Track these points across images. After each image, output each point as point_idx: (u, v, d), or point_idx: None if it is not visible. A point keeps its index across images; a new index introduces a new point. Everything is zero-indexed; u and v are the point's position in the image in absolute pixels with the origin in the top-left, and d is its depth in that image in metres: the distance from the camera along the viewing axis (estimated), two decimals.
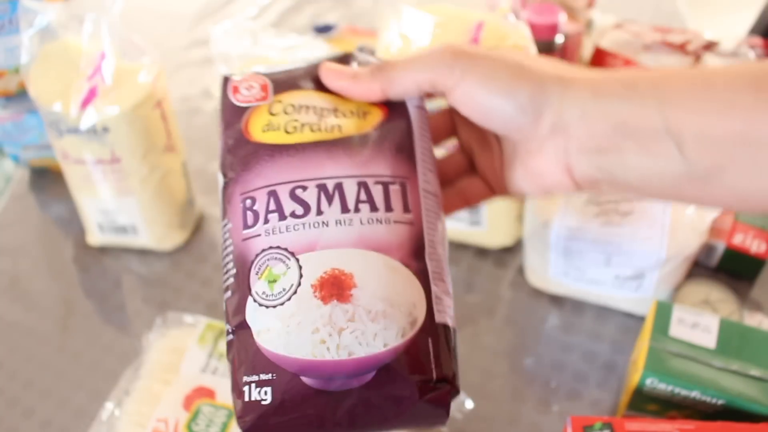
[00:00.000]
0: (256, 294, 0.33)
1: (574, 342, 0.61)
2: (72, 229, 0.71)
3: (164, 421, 0.51)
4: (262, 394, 0.32)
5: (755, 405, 0.46)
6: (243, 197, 0.35)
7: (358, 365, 0.32)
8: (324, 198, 0.34)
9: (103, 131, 0.59)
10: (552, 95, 0.34)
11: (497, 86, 0.34)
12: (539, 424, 0.56)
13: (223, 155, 0.37)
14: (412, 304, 0.33)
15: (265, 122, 0.37)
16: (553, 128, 0.35)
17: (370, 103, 0.38)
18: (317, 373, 0.32)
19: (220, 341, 0.55)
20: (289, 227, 0.34)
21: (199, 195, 0.73)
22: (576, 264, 0.59)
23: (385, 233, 0.34)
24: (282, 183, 0.35)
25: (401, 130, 0.37)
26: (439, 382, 0.33)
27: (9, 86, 0.68)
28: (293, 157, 0.35)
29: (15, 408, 0.58)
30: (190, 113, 0.84)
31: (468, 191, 0.43)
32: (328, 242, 0.33)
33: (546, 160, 0.36)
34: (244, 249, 0.34)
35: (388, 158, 0.36)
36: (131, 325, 0.64)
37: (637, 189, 0.35)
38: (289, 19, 0.97)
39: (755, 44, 0.75)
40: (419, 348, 0.33)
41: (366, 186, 0.35)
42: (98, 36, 0.59)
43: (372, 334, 0.32)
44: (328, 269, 0.33)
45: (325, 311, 0.32)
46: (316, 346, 0.32)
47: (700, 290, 0.61)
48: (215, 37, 0.60)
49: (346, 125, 0.36)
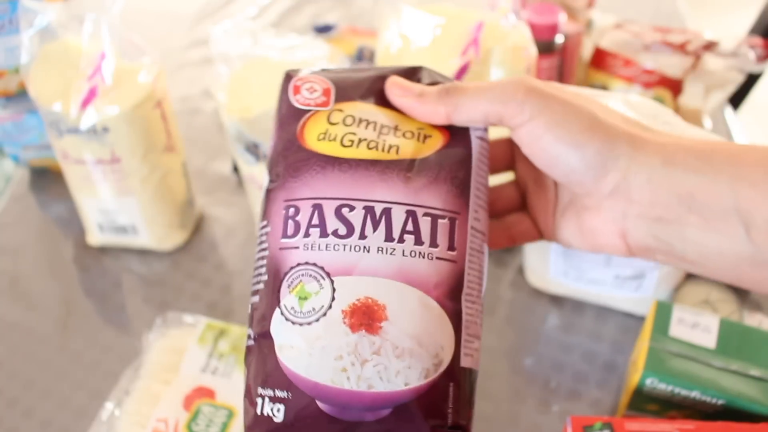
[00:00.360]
0: (284, 307, 0.33)
1: (574, 342, 0.61)
2: (72, 229, 0.71)
3: (164, 421, 0.51)
4: (275, 411, 0.32)
5: (755, 405, 0.46)
6: (287, 204, 0.34)
7: (376, 400, 0.31)
8: (370, 222, 0.33)
9: (103, 131, 0.59)
10: (621, 155, 0.33)
11: (565, 135, 0.33)
12: (539, 424, 0.56)
13: (272, 155, 0.36)
14: (441, 346, 0.32)
15: (322, 130, 0.35)
16: (616, 189, 0.33)
17: (432, 126, 0.36)
18: (333, 400, 0.31)
19: (220, 341, 0.55)
20: (329, 246, 0.33)
21: (199, 195, 0.73)
22: (576, 264, 0.59)
23: (426, 269, 0.33)
24: (329, 198, 0.33)
25: (460, 162, 0.35)
26: (453, 428, 0.32)
27: (9, 86, 0.68)
28: (345, 173, 0.34)
29: (15, 408, 0.58)
30: (190, 113, 0.84)
31: (515, 228, 0.41)
32: (366, 269, 0.32)
33: (602, 219, 0.35)
34: (279, 258, 0.33)
35: (442, 190, 0.34)
36: (131, 325, 0.64)
37: (694, 264, 0.34)
38: (289, 19, 0.97)
39: (755, 44, 0.75)
40: (439, 392, 0.32)
41: (414, 216, 0.33)
42: (98, 36, 0.59)
43: (395, 370, 0.31)
44: (362, 297, 0.32)
45: (352, 340, 0.31)
46: (336, 374, 0.31)
47: (700, 290, 0.61)
48: (215, 37, 0.60)
49: (404, 147, 0.35)
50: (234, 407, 0.51)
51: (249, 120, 0.57)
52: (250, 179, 0.62)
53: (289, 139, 0.35)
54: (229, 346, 0.55)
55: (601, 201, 0.34)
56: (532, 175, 0.40)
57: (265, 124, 0.58)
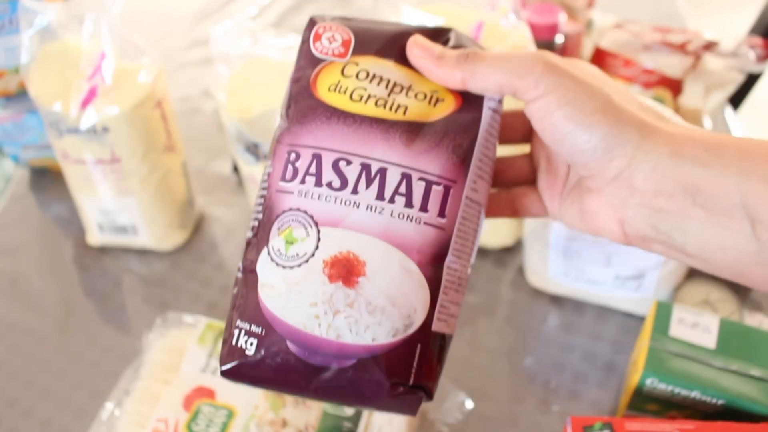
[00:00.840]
0: (271, 248, 0.34)
1: (574, 342, 0.61)
2: (72, 229, 0.71)
3: (164, 421, 0.51)
4: (248, 344, 0.33)
5: (755, 405, 0.46)
6: (290, 149, 0.35)
7: (342, 350, 0.32)
8: (364, 178, 0.34)
9: (103, 131, 0.59)
10: (628, 142, 0.32)
11: (576, 114, 0.33)
12: (539, 424, 0.56)
13: (287, 97, 0.37)
14: (414, 308, 0.33)
15: (334, 81, 0.35)
16: (619, 175, 0.33)
17: (447, 89, 0.36)
18: (303, 343, 0.33)
19: (220, 341, 0.55)
20: (321, 196, 0.34)
21: (199, 195, 0.73)
22: (576, 264, 0.59)
23: (412, 232, 0.33)
24: (329, 149, 0.34)
25: (466, 130, 0.35)
26: (414, 388, 0.33)
27: (9, 86, 0.68)
28: (349, 127, 0.34)
29: (15, 408, 0.58)
30: (190, 113, 0.84)
31: (520, 201, 0.41)
32: (353, 224, 0.33)
33: (602, 204, 0.35)
34: (275, 199, 0.34)
35: (442, 157, 0.34)
36: (131, 325, 0.64)
37: (693, 258, 0.33)
38: (289, 19, 0.97)
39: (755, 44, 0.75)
40: (405, 352, 0.33)
41: (409, 179, 0.34)
42: (98, 36, 0.59)
43: (365, 325, 0.32)
44: (344, 250, 0.33)
45: (328, 290, 0.32)
46: (309, 319, 0.32)
47: (700, 290, 0.61)
48: (215, 37, 0.60)
49: (413, 108, 0.35)
50: (234, 407, 0.51)
51: (249, 120, 0.57)
52: (250, 179, 0.62)
53: (303, 85, 0.36)
54: None
55: (604, 186, 0.34)
56: (545, 151, 0.40)
57: (265, 124, 0.58)
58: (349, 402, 0.34)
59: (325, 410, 0.51)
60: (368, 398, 0.33)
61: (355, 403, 0.34)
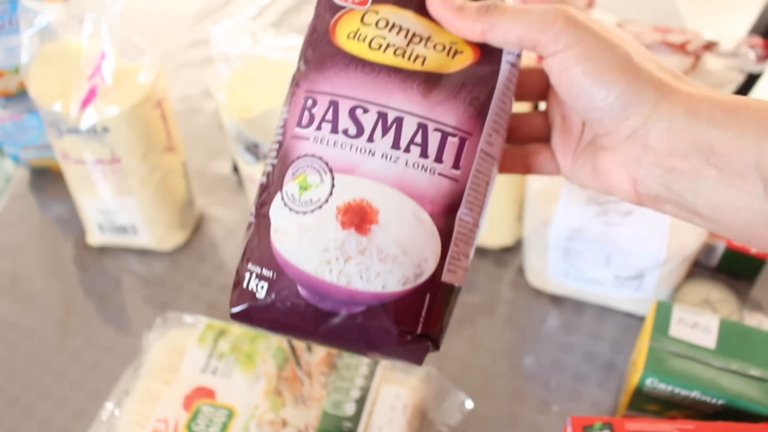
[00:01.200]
0: (285, 194, 0.34)
1: (574, 342, 0.61)
2: (72, 229, 0.71)
3: (164, 421, 0.51)
4: (259, 287, 0.33)
5: (755, 405, 0.46)
6: (307, 95, 0.35)
7: (352, 296, 0.33)
8: (380, 127, 0.34)
9: (103, 131, 0.59)
10: (644, 101, 0.32)
11: (594, 70, 0.33)
12: (539, 424, 0.56)
13: (305, 43, 0.37)
14: (425, 258, 0.33)
15: (354, 29, 0.35)
16: (634, 134, 0.33)
17: (466, 42, 0.36)
18: (313, 288, 0.33)
19: (220, 341, 0.55)
20: (337, 143, 0.34)
21: (199, 195, 0.73)
22: (576, 264, 0.59)
23: (426, 182, 0.34)
24: (346, 97, 0.34)
25: (484, 83, 0.35)
26: (422, 336, 0.34)
27: (9, 86, 0.68)
28: (367, 75, 0.34)
29: (15, 408, 0.58)
30: (190, 113, 0.84)
31: (534, 157, 0.41)
32: (367, 171, 0.33)
33: (615, 162, 0.35)
34: (290, 145, 0.35)
35: (459, 108, 0.34)
36: (131, 325, 0.64)
37: (705, 218, 0.33)
38: (289, 19, 0.97)
39: (755, 44, 0.75)
40: (414, 301, 0.33)
41: (425, 129, 0.34)
42: (98, 36, 0.59)
43: (376, 272, 0.33)
44: (358, 198, 0.33)
45: (340, 236, 0.33)
46: (320, 265, 0.33)
47: (700, 290, 0.61)
48: (215, 37, 0.60)
49: (431, 59, 0.35)
50: (234, 407, 0.51)
51: (249, 120, 0.57)
52: (250, 179, 0.62)
53: (322, 32, 0.36)
54: (229, 346, 0.55)
55: (618, 144, 0.34)
56: (560, 109, 0.40)
57: (265, 124, 0.58)
58: (357, 348, 0.34)
59: (324, 410, 0.51)
60: (376, 345, 0.34)
61: (363, 349, 0.34)
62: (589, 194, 0.56)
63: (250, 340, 0.55)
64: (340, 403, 0.51)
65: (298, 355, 0.54)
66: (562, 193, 0.57)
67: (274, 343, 0.55)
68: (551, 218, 0.58)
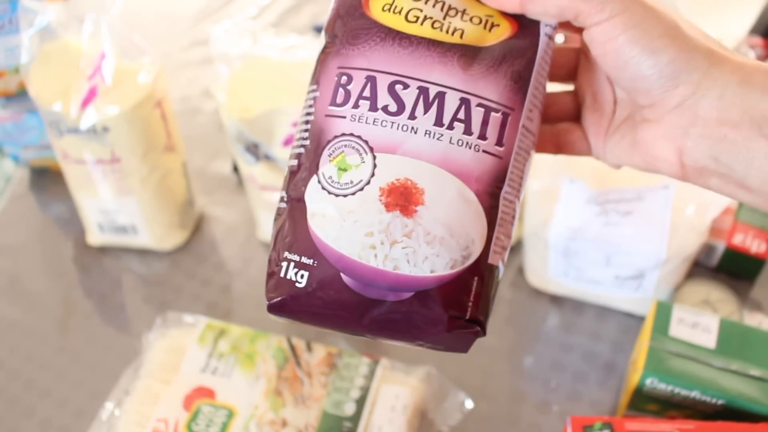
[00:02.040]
0: (322, 176, 0.32)
1: (574, 342, 0.61)
2: (72, 229, 0.71)
3: (164, 421, 0.51)
4: (298, 276, 0.32)
5: (755, 405, 0.46)
6: (340, 71, 0.33)
7: (399, 281, 0.31)
8: (422, 102, 0.32)
9: (103, 131, 0.59)
10: (695, 69, 0.31)
11: (642, 37, 0.32)
12: (539, 424, 0.56)
13: (332, 17, 0.35)
14: (472, 239, 0.32)
15: (389, 1, 0.34)
16: (683, 102, 0.32)
17: (501, 14, 0.34)
18: (357, 275, 0.31)
19: (220, 341, 0.55)
20: (377, 120, 0.32)
21: (199, 195, 0.73)
22: (576, 264, 0.59)
23: (471, 160, 0.32)
24: (384, 72, 0.33)
25: (524, 56, 0.34)
26: (471, 321, 0.32)
27: (9, 86, 0.68)
28: (405, 49, 0.33)
29: (15, 408, 0.58)
30: (190, 113, 0.84)
31: (564, 137, 0.40)
32: (410, 150, 0.32)
33: (661, 133, 0.34)
34: (324, 125, 0.33)
35: (500, 83, 0.33)
36: (131, 325, 0.64)
37: (753, 191, 0.32)
38: (289, 19, 0.97)
39: (755, 44, 0.76)
40: (463, 284, 0.32)
41: (468, 104, 0.32)
42: (98, 36, 0.59)
43: (423, 256, 0.31)
44: (402, 177, 0.31)
45: (385, 218, 0.31)
46: (364, 249, 0.31)
47: (700, 290, 0.61)
48: (215, 37, 0.60)
49: (469, 32, 0.33)
50: (234, 407, 0.51)
51: (249, 120, 0.57)
52: (250, 179, 0.62)
53: (353, 5, 0.34)
54: (229, 346, 0.55)
55: (664, 114, 0.33)
56: (591, 88, 0.39)
57: (265, 124, 0.58)
58: (402, 337, 0.33)
59: (324, 410, 0.51)
60: (423, 333, 0.32)
61: (408, 338, 0.33)
62: (589, 194, 0.56)
63: (250, 340, 0.55)
64: (340, 403, 0.51)
65: (298, 355, 0.54)
66: (562, 193, 0.57)
67: (274, 343, 0.55)
68: (551, 218, 0.58)
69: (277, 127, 0.57)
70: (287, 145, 0.57)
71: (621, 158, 0.37)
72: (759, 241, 0.61)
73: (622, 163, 0.37)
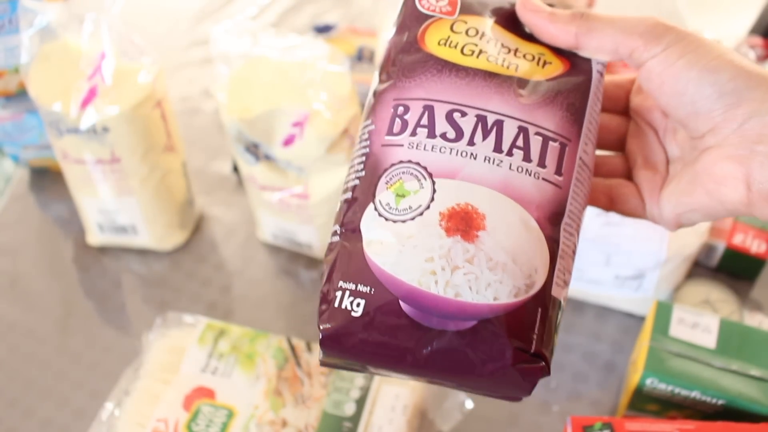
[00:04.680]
0: (379, 203, 0.32)
1: (574, 342, 0.61)
2: (72, 229, 0.71)
3: (164, 421, 0.51)
4: (354, 305, 0.30)
5: (755, 405, 0.46)
6: (396, 103, 0.34)
7: (461, 309, 0.30)
8: (480, 130, 0.32)
9: (103, 131, 0.59)
10: (758, 85, 0.31)
11: (700, 60, 0.32)
12: (539, 424, 0.56)
13: (386, 58, 0.35)
14: (535, 268, 0.31)
15: (444, 36, 0.35)
16: (747, 120, 0.31)
17: (553, 53, 0.35)
18: (417, 302, 0.30)
19: (220, 341, 0.55)
20: (435, 147, 0.32)
21: (199, 195, 0.73)
22: (576, 264, 0.59)
23: (531, 187, 0.32)
24: (442, 101, 0.33)
25: (578, 89, 0.34)
26: (535, 356, 0.30)
27: (9, 86, 0.68)
28: (462, 80, 0.33)
29: (15, 408, 0.58)
30: (190, 113, 0.84)
31: (617, 190, 0.39)
32: (470, 175, 0.31)
33: (725, 154, 0.32)
34: (380, 154, 0.33)
35: (557, 113, 0.33)
36: (131, 325, 0.64)
37: None
38: (289, 19, 0.97)
39: (755, 44, 0.76)
40: (527, 314, 0.30)
41: (526, 133, 0.32)
42: (98, 36, 0.59)
43: (486, 283, 0.30)
44: (462, 202, 0.31)
45: (446, 243, 0.30)
46: (424, 275, 0.30)
47: (700, 290, 0.61)
48: (215, 37, 0.60)
49: (523, 67, 0.34)
50: (234, 407, 0.51)
51: (249, 120, 0.57)
52: (250, 179, 0.62)
53: (408, 41, 0.35)
54: (229, 346, 0.55)
55: (728, 135, 0.32)
56: (642, 152, 0.39)
57: (265, 124, 0.58)
58: (461, 374, 0.31)
59: (324, 410, 0.51)
60: (484, 368, 0.30)
61: (467, 377, 0.31)
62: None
63: (250, 340, 0.55)
64: (340, 403, 0.51)
65: (298, 355, 0.54)
66: None
67: (274, 343, 0.55)
68: None
69: (277, 127, 0.57)
70: (287, 145, 0.57)
71: (680, 203, 0.36)
72: (759, 241, 0.61)
73: (682, 206, 0.36)
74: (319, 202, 0.60)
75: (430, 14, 0.35)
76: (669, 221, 0.37)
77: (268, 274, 0.67)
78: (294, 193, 0.60)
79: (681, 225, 0.37)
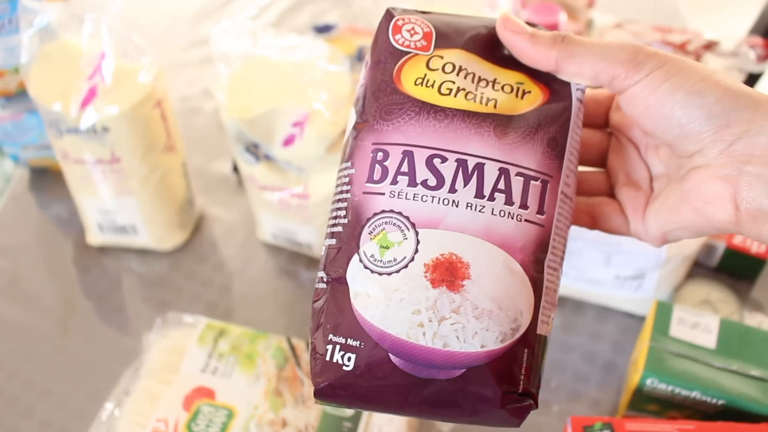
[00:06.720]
0: (363, 254, 0.32)
1: (574, 342, 0.61)
2: (72, 229, 0.71)
3: (164, 421, 0.51)
4: (345, 359, 0.31)
5: (755, 405, 0.46)
6: (375, 148, 0.33)
7: (450, 359, 0.31)
8: (461, 175, 0.32)
9: (103, 131, 0.59)
10: (745, 106, 0.31)
11: (685, 83, 0.31)
12: (539, 424, 0.56)
13: (363, 94, 0.35)
14: (520, 311, 0.32)
15: (420, 75, 0.34)
16: (736, 140, 0.31)
17: (532, 79, 0.34)
18: (407, 355, 0.31)
19: (220, 341, 0.55)
20: (417, 196, 0.32)
21: (199, 195, 0.73)
22: (576, 264, 0.59)
23: (514, 230, 0.32)
24: (421, 146, 0.32)
25: (557, 122, 0.34)
26: (523, 395, 0.32)
27: (9, 86, 0.68)
28: (440, 122, 0.33)
29: (15, 408, 0.58)
30: (190, 113, 0.84)
31: (600, 209, 0.39)
32: (453, 224, 0.31)
33: (713, 174, 0.32)
34: (362, 202, 0.33)
35: (537, 150, 0.33)
36: (131, 325, 0.64)
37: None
38: (289, 19, 0.97)
39: (755, 44, 0.76)
40: (514, 357, 0.31)
41: (507, 174, 0.32)
42: (98, 36, 0.59)
43: (472, 331, 0.31)
44: (446, 252, 0.31)
45: (432, 295, 0.31)
46: (412, 328, 0.30)
47: (700, 290, 0.61)
48: (215, 37, 0.60)
49: (502, 101, 0.34)
50: (234, 407, 0.51)
51: (249, 120, 0.57)
52: (250, 179, 0.62)
53: (384, 80, 0.34)
54: (229, 346, 0.55)
55: (717, 156, 0.32)
56: (624, 168, 0.39)
57: (265, 124, 0.58)
58: (453, 415, 0.32)
59: (324, 410, 0.51)
60: (475, 410, 0.32)
61: (459, 417, 0.32)
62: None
63: (250, 341, 0.55)
64: None
65: (298, 355, 0.54)
66: None
67: (274, 343, 0.55)
68: None
69: (277, 127, 0.57)
70: (287, 145, 0.57)
71: (667, 221, 0.36)
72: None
73: (669, 224, 0.36)
74: (319, 202, 0.60)
75: (406, 50, 0.34)
76: (654, 238, 0.37)
77: (268, 274, 0.67)
78: (294, 193, 0.60)
79: (667, 242, 0.37)
